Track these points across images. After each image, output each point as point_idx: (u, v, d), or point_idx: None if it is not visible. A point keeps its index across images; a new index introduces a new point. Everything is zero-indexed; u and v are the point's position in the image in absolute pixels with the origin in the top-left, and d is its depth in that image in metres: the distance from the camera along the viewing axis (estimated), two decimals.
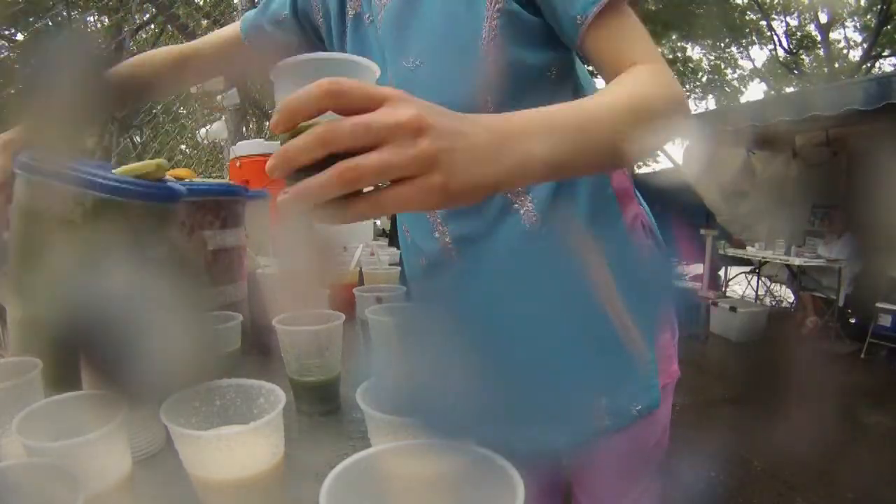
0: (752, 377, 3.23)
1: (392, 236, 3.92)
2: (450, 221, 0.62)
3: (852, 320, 4.04)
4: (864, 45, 11.18)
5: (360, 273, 1.10)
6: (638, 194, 0.67)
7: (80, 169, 0.49)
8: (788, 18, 11.96)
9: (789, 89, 10.99)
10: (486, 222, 0.59)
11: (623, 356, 0.60)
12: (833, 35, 11.75)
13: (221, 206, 0.77)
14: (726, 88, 13.08)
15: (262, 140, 1.69)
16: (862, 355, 3.44)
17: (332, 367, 0.63)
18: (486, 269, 0.61)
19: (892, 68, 11.12)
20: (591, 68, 0.61)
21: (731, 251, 4.65)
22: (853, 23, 11.55)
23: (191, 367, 0.42)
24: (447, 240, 0.62)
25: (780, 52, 12.13)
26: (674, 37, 11.60)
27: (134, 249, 0.53)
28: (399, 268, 1.09)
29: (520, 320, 0.54)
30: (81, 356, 0.45)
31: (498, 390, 0.35)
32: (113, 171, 0.52)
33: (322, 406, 0.64)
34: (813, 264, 3.92)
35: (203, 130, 2.10)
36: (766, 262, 4.42)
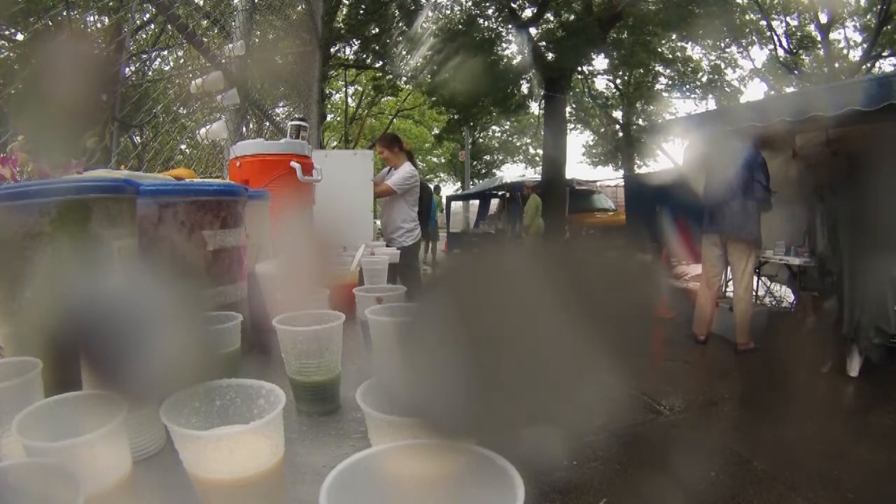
0: (751, 377, 3.23)
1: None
2: None
3: None
4: (864, 45, 11.18)
5: (361, 273, 1.10)
6: None
7: (30, 183, 0.50)
8: (788, 18, 11.97)
9: (789, 89, 11.00)
10: None
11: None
12: (833, 35, 11.78)
13: (221, 206, 0.77)
14: (726, 88, 13.08)
15: (262, 140, 1.68)
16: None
17: (332, 367, 0.63)
18: None
19: (892, 68, 11.15)
20: None
21: None
22: (853, 23, 11.57)
23: (190, 367, 0.41)
24: None
25: (780, 52, 12.14)
26: (674, 37, 11.60)
27: (105, 244, 0.54)
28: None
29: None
30: (81, 356, 0.45)
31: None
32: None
33: (322, 406, 0.63)
34: (813, 264, 3.91)
35: (203, 130, 2.10)
36: (766, 262, 4.42)
